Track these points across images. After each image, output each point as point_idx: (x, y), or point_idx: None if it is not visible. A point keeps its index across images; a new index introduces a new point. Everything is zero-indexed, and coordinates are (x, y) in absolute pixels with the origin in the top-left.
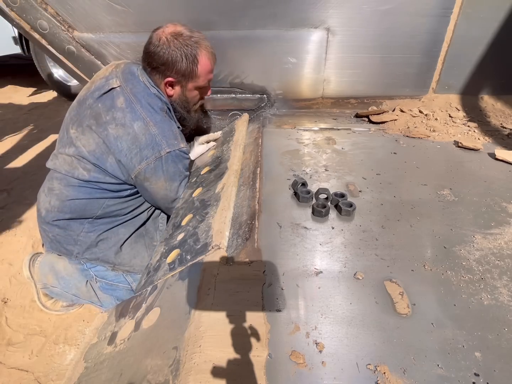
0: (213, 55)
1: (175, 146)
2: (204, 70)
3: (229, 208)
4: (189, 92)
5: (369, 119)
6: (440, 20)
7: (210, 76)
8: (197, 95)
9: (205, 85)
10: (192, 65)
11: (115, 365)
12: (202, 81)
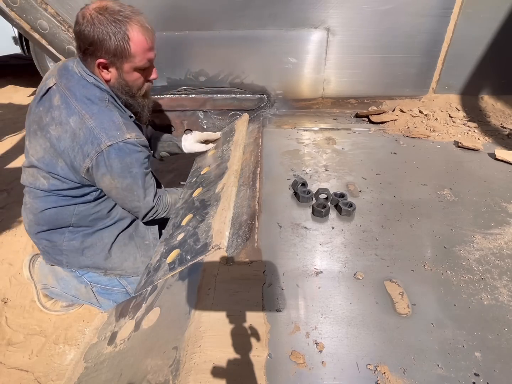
0: (148, 30)
1: (117, 137)
2: (139, 47)
3: (229, 208)
4: (128, 75)
5: (369, 119)
6: (440, 20)
7: (149, 55)
8: (139, 78)
9: (144, 65)
10: (122, 43)
11: (115, 365)
12: (140, 61)
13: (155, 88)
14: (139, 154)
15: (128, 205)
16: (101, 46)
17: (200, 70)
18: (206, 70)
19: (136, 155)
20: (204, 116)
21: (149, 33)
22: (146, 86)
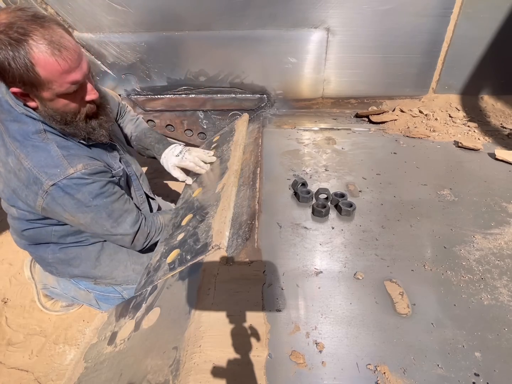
0: (61, 46)
1: (58, 175)
2: (51, 72)
3: (229, 208)
4: (52, 103)
5: (369, 119)
6: (440, 20)
7: (70, 78)
8: (69, 104)
9: (69, 90)
10: (26, 70)
11: (115, 365)
12: (60, 86)
13: (155, 88)
14: (92, 186)
15: (106, 238)
16: (6, 74)
17: (200, 70)
18: (206, 70)
19: (88, 188)
20: (204, 116)
21: (64, 50)
22: (86, 109)
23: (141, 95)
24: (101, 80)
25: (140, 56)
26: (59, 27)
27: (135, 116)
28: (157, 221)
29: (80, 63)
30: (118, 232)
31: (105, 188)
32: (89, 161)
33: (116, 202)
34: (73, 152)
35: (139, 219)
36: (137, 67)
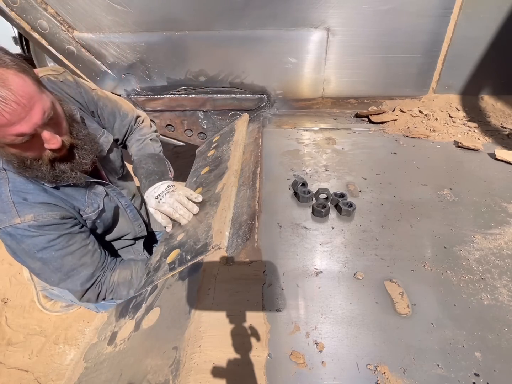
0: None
1: (4, 222)
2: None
3: (229, 208)
4: (4, 149)
5: (369, 119)
6: (440, 20)
7: (13, 131)
8: (25, 151)
9: (15, 142)
10: None
11: (115, 365)
12: (3, 137)
13: (155, 88)
14: (38, 239)
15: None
16: None
17: (200, 70)
18: (206, 70)
19: (34, 240)
20: (204, 116)
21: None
22: (49, 155)
23: (141, 95)
24: (101, 80)
25: (140, 56)
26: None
27: (144, 136)
28: (109, 278)
29: (29, 113)
30: (66, 287)
31: (55, 242)
32: (43, 211)
33: (70, 256)
34: (28, 198)
35: (95, 276)
36: (137, 67)
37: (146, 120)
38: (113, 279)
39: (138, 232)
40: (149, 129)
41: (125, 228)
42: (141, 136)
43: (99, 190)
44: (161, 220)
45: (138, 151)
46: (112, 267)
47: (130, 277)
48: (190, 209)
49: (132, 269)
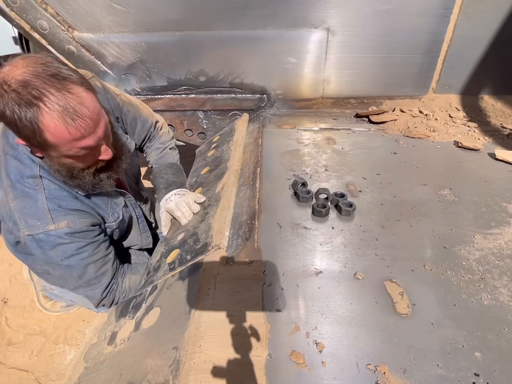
0: (72, 115)
1: (37, 228)
2: (60, 139)
3: (229, 208)
4: (59, 160)
5: (369, 119)
6: (440, 20)
7: (81, 144)
8: (80, 162)
9: (77, 154)
10: (33, 133)
11: (115, 365)
12: (68, 150)
13: (155, 88)
14: (68, 246)
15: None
16: (12, 127)
17: (200, 70)
18: (206, 70)
19: (64, 247)
20: (204, 116)
21: (78, 119)
22: (98, 165)
23: (141, 95)
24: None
25: (140, 56)
26: (81, 88)
27: (164, 144)
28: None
29: (96, 129)
30: (86, 294)
31: (83, 249)
32: (76, 218)
33: (92, 264)
34: (63, 205)
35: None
36: (137, 67)
37: (164, 126)
38: (125, 284)
39: (145, 244)
40: (167, 135)
41: (134, 238)
42: (161, 144)
43: (119, 200)
44: (162, 222)
45: (158, 159)
46: (122, 273)
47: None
48: (193, 209)
49: (141, 273)
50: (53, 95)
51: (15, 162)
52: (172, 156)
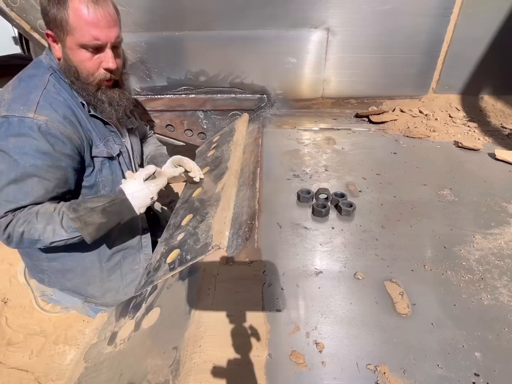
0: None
1: (16, 111)
2: (79, 18)
3: (229, 208)
4: (72, 52)
5: (369, 119)
6: (440, 20)
7: (94, 32)
8: (88, 60)
9: (89, 42)
10: (60, 10)
11: (115, 365)
12: (82, 36)
13: (155, 88)
14: (31, 142)
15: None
16: (44, 13)
17: (200, 70)
18: (206, 70)
19: (26, 140)
20: (204, 116)
21: (98, 7)
22: (101, 75)
23: (141, 95)
24: None
25: (140, 56)
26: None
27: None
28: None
29: (110, 27)
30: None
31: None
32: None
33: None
34: (53, 105)
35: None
36: (137, 67)
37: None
38: (34, 208)
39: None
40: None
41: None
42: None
43: (115, 147)
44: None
45: (155, 150)
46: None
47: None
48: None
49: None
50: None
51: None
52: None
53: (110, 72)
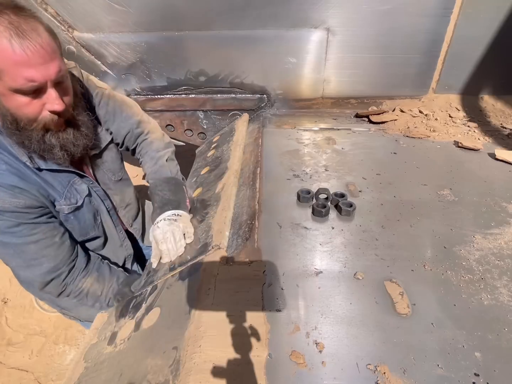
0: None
1: None
2: (4, 58)
3: (229, 208)
4: (6, 98)
5: (369, 119)
6: (440, 20)
7: (27, 73)
8: (26, 105)
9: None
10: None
11: (115, 365)
12: (13, 80)
13: (155, 88)
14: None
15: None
16: None
17: (200, 70)
18: (206, 70)
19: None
20: (204, 116)
21: (27, 40)
22: (46, 118)
23: (141, 95)
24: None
25: (140, 56)
26: (39, 24)
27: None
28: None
29: (47, 63)
30: (25, 275)
31: (15, 229)
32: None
33: (32, 244)
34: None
35: (59, 270)
36: (137, 67)
37: (155, 130)
38: (82, 285)
39: (121, 239)
40: (160, 142)
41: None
42: (154, 152)
43: (83, 188)
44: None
45: (153, 173)
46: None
47: (99, 294)
48: (178, 247)
49: (105, 286)
50: (8, 15)
51: None
52: (169, 169)
53: (57, 115)
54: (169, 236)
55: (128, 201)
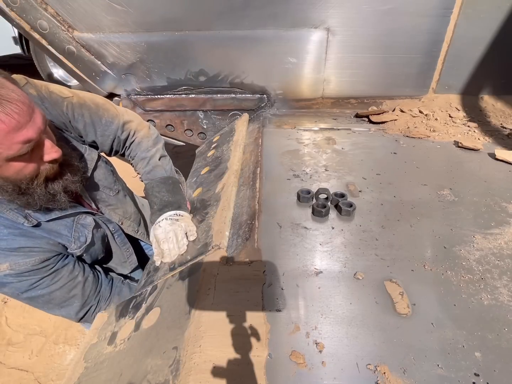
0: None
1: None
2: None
3: (229, 208)
4: (3, 169)
5: (369, 119)
6: (440, 20)
7: (21, 136)
8: (23, 168)
9: (20, 151)
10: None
11: (115, 365)
12: (8, 149)
13: (155, 88)
14: (18, 284)
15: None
16: None
17: (200, 70)
18: (206, 70)
19: (14, 285)
20: (204, 116)
21: (7, 103)
22: (47, 169)
23: (141, 95)
24: (101, 80)
25: (140, 56)
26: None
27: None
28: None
29: (32, 116)
30: (61, 315)
31: (38, 283)
32: (19, 259)
33: (58, 291)
34: (2, 245)
35: (88, 305)
36: (137, 67)
37: (141, 128)
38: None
39: (126, 256)
40: (148, 140)
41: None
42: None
43: (88, 221)
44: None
45: (147, 174)
46: (106, 297)
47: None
48: (181, 246)
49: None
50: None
51: None
52: (163, 168)
53: (55, 161)
54: (172, 236)
55: (131, 210)
